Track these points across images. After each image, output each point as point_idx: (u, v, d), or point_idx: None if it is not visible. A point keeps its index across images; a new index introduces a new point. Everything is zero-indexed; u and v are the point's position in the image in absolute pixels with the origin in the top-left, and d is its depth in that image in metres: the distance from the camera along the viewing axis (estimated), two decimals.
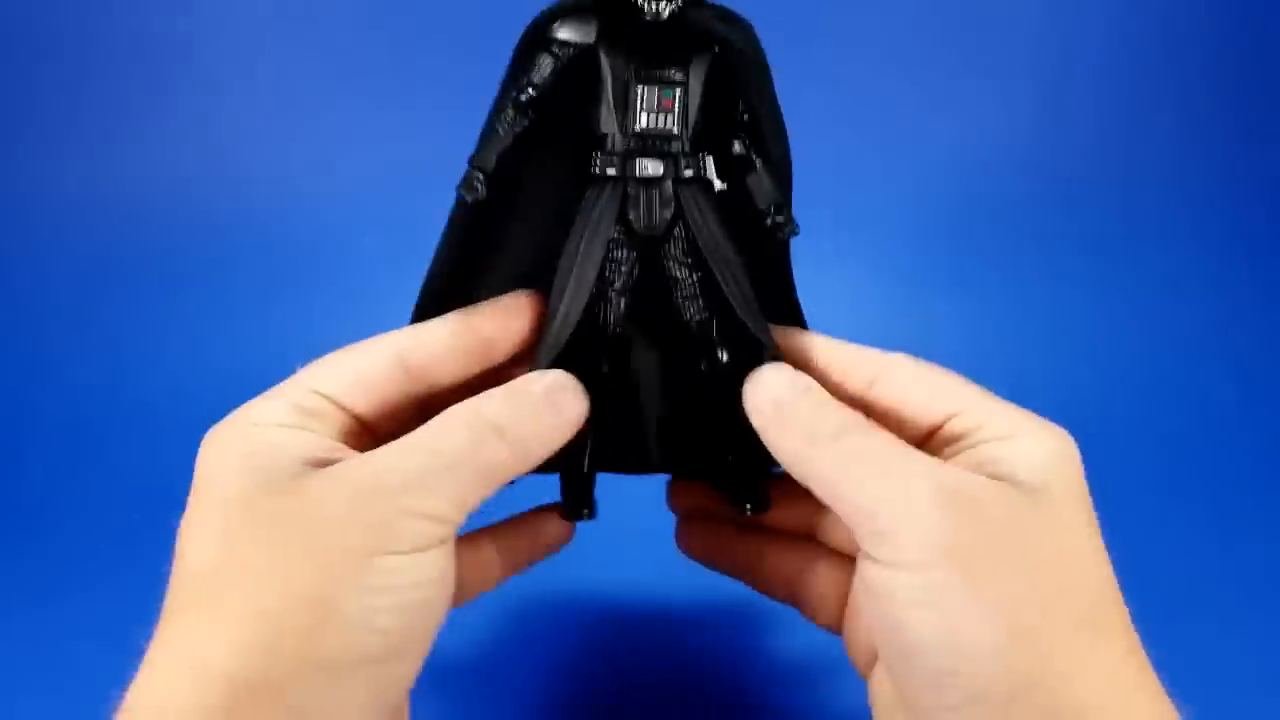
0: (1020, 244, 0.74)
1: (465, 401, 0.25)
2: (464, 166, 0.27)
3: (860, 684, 0.29)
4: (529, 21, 0.28)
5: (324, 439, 0.25)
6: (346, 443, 0.26)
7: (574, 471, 0.30)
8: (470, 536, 0.32)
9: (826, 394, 0.26)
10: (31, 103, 0.72)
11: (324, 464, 0.24)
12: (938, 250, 0.73)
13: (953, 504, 0.23)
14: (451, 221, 0.29)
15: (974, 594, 0.22)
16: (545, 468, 0.28)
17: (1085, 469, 0.25)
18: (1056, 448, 0.25)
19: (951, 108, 0.74)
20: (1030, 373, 0.67)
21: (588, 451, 0.29)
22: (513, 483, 0.26)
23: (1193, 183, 0.76)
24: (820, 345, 0.30)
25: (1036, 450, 0.24)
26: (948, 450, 0.26)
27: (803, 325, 0.32)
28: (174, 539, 0.26)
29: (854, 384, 0.28)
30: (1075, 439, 0.25)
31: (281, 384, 0.27)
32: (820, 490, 0.25)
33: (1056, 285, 0.73)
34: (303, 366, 0.27)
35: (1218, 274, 0.74)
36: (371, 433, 0.28)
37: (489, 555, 0.32)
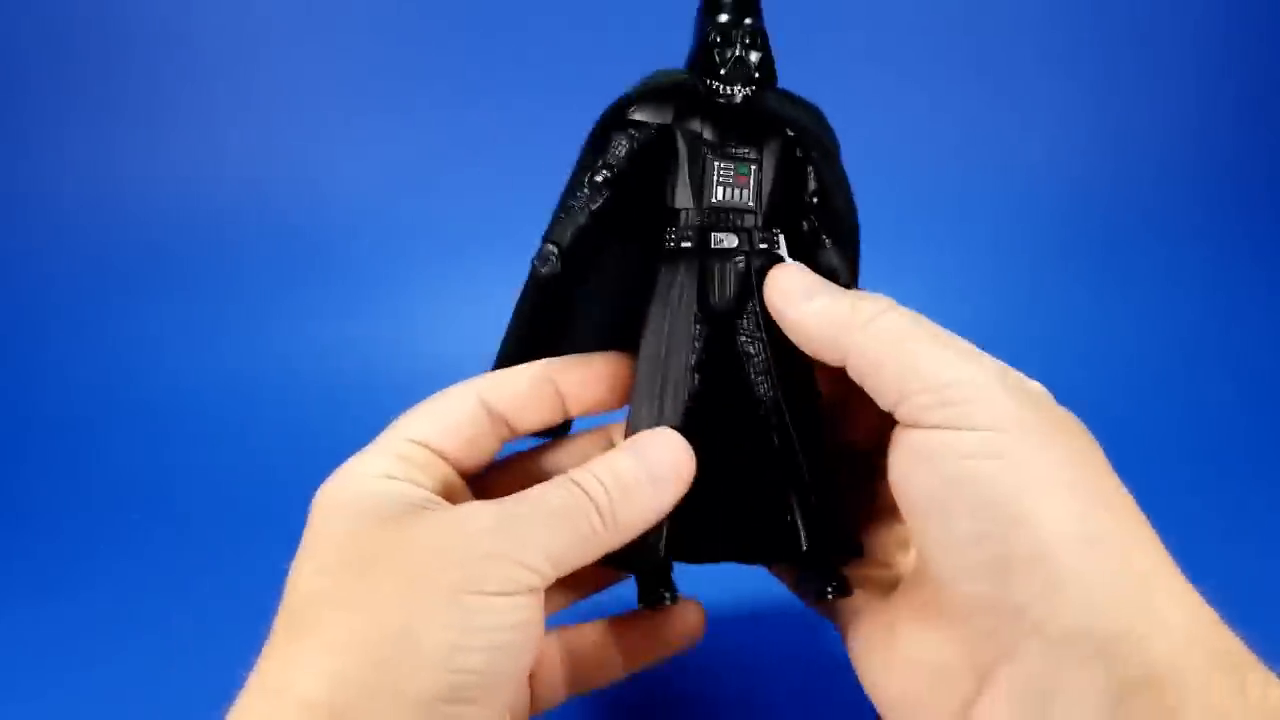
0: (1019, 243, 0.74)
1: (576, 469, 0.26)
2: (536, 242, 0.28)
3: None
4: (609, 104, 0.29)
5: (425, 491, 0.26)
6: (450, 492, 0.27)
7: (651, 561, 0.29)
8: (589, 626, 0.32)
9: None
10: (32, 103, 0.72)
11: (425, 509, 0.25)
12: (936, 250, 0.73)
13: (1019, 388, 0.24)
14: (525, 294, 0.30)
15: (1046, 455, 0.22)
16: (624, 563, 0.28)
17: None
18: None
19: (951, 107, 0.74)
20: (1027, 372, 0.67)
21: (664, 539, 0.28)
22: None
23: (1193, 182, 0.76)
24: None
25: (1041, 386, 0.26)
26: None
27: None
28: (174, 539, 0.26)
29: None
30: None
31: (380, 436, 0.28)
32: (860, 367, 0.25)
33: (1055, 285, 0.73)
34: (397, 417, 0.29)
35: (1218, 273, 0.74)
36: (474, 485, 0.29)
37: (607, 643, 0.32)
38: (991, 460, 0.22)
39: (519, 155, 0.66)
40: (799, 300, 0.27)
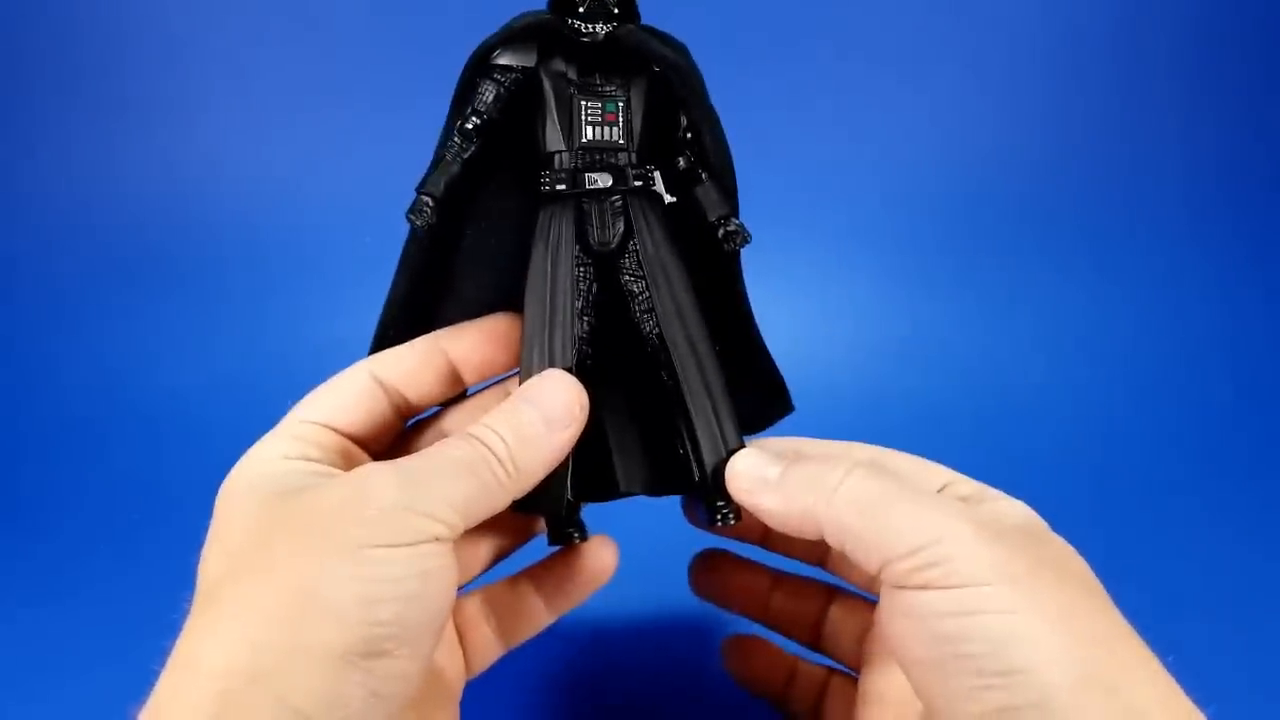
0: (1019, 243, 0.74)
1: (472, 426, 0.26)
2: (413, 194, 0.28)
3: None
4: (473, 50, 0.28)
5: (323, 465, 0.27)
6: (352, 466, 0.27)
7: (558, 503, 0.30)
8: (508, 580, 0.33)
9: (811, 449, 0.28)
10: (29, 105, 0.72)
11: (324, 478, 0.26)
12: (936, 250, 0.73)
13: (995, 534, 0.23)
14: (406, 248, 0.30)
15: (1033, 600, 0.22)
16: (533, 507, 0.28)
17: (1084, 469, 0.25)
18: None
19: (950, 107, 0.74)
20: (1029, 372, 0.67)
21: (569, 480, 0.29)
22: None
23: (1192, 181, 0.76)
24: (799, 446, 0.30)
25: (1008, 503, 0.26)
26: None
27: (753, 335, 0.33)
28: (173, 539, 0.26)
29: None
30: (1074, 439, 0.26)
31: (278, 424, 0.28)
32: (838, 538, 0.25)
33: (1056, 285, 0.73)
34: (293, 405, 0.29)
35: (1217, 273, 0.74)
36: (371, 455, 0.29)
37: (527, 592, 0.33)
38: (980, 616, 0.22)
39: None
40: (762, 492, 0.27)
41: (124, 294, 0.71)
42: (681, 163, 0.30)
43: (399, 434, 0.31)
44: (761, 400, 0.35)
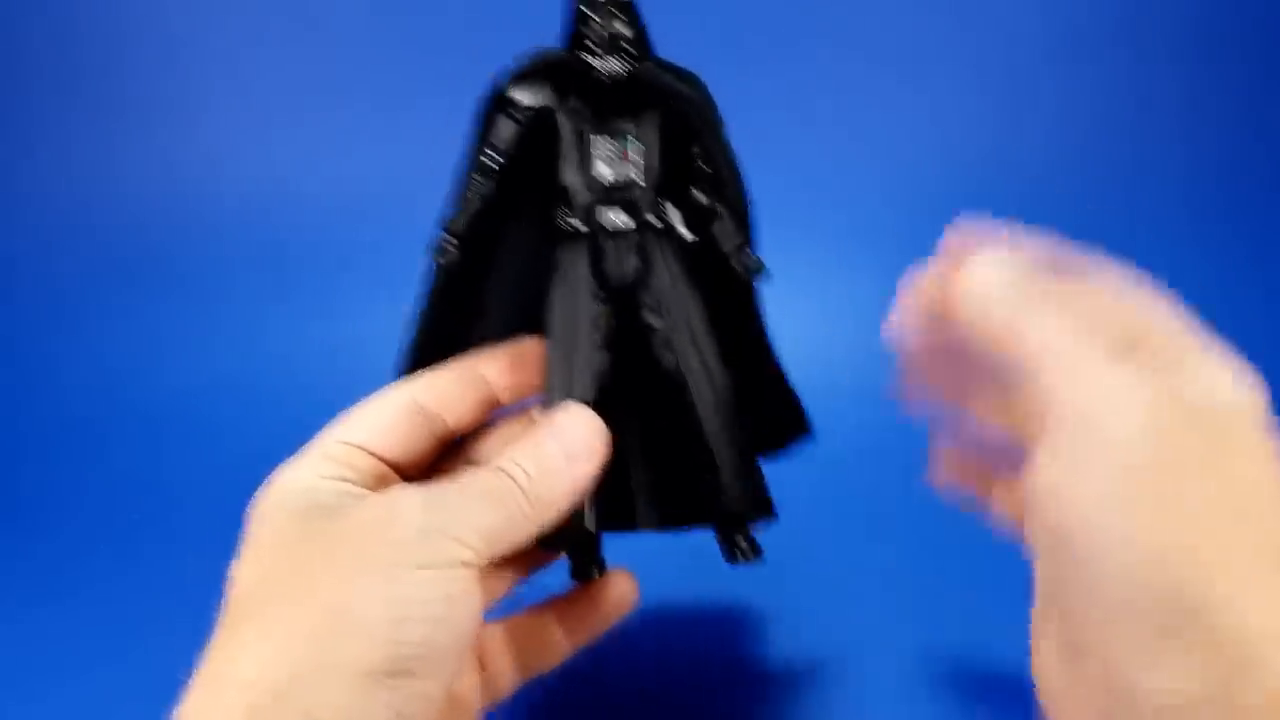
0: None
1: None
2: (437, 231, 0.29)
3: (848, 690, 0.28)
4: (489, 86, 0.29)
5: (356, 486, 0.27)
6: (380, 486, 0.28)
7: (580, 537, 0.30)
8: (529, 611, 0.33)
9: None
10: (29, 104, 0.72)
11: (356, 499, 0.26)
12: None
13: (1155, 409, 0.21)
14: (429, 281, 0.30)
15: (1144, 504, 0.20)
16: (556, 543, 0.29)
17: None
18: (1250, 381, 0.24)
19: (951, 108, 0.74)
20: None
21: (590, 515, 0.29)
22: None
23: (1193, 182, 0.76)
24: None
25: (1230, 378, 0.24)
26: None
27: (771, 363, 0.33)
28: (173, 539, 0.26)
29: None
30: None
31: (311, 442, 0.29)
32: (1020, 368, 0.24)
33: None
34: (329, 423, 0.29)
35: (1218, 275, 0.74)
36: (404, 478, 0.29)
37: (548, 623, 0.33)
38: (1088, 511, 0.21)
39: None
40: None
41: (124, 294, 0.71)
42: (698, 196, 0.30)
43: (433, 458, 0.31)
44: (779, 424, 0.35)
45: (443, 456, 0.32)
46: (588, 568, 0.31)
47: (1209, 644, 0.19)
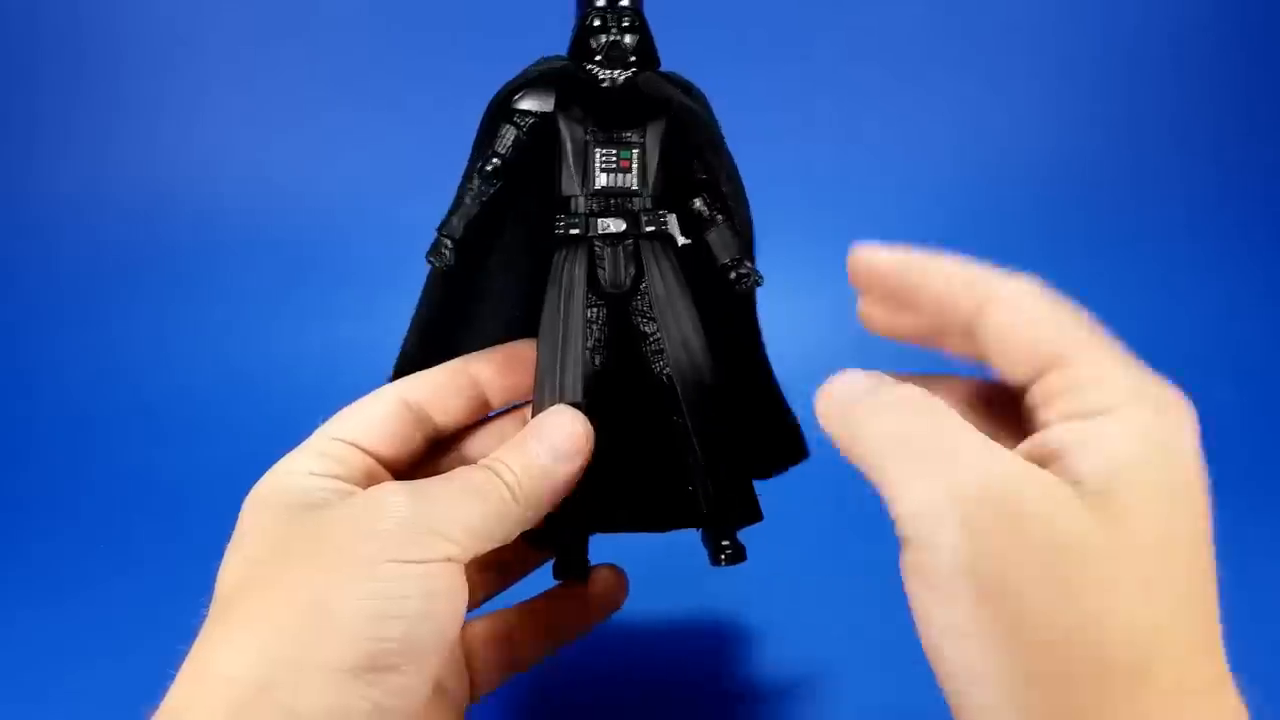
0: (1020, 244, 0.74)
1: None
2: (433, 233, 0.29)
3: (840, 697, 0.28)
4: (495, 94, 0.29)
5: (345, 484, 0.27)
6: (371, 483, 0.28)
7: (566, 535, 0.31)
8: (516, 607, 0.34)
9: (882, 376, 0.24)
10: (33, 101, 0.72)
11: (344, 495, 0.26)
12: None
13: (985, 513, 0.19)
14: (427, 284, 0.31)
15: (990, 628, 0.19)
16: (542, 540, 0.29)
17: None
18: (1148, 434, 0.20)
19: (950, 108, 0.74)
20: None
21: (575, 514, 0.30)
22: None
23: (1194, 183, 0.76)
24: (928, 263, 0.26)
25: (1119, 439, 0.20)
26: (1040, 414, 0.22)
27: (767, 379, 0.33)
28: (175, 539, 0.27)
29: (962, 308, 0.24)
30: None
31: (307, 439, 0.29)
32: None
33: (1057, 286, 0.73)
34: (324, 421, 0.30)
35: (1215, 273, 0.74)
36: (396, 476, 0.30)
37: (535, 620, 0.34)
38: (945, 639, 0.21)
39: None
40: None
41: (127, 293, 0.71)
42: (697, 204, 0.31)
43: (424, 457, 0.31)
44: (775, 447, 0.35)
45: (435, 456, 0.32)
46: (571, 567, 0.31)
47: None
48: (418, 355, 0.32)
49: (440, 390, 0.31)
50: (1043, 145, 0.76)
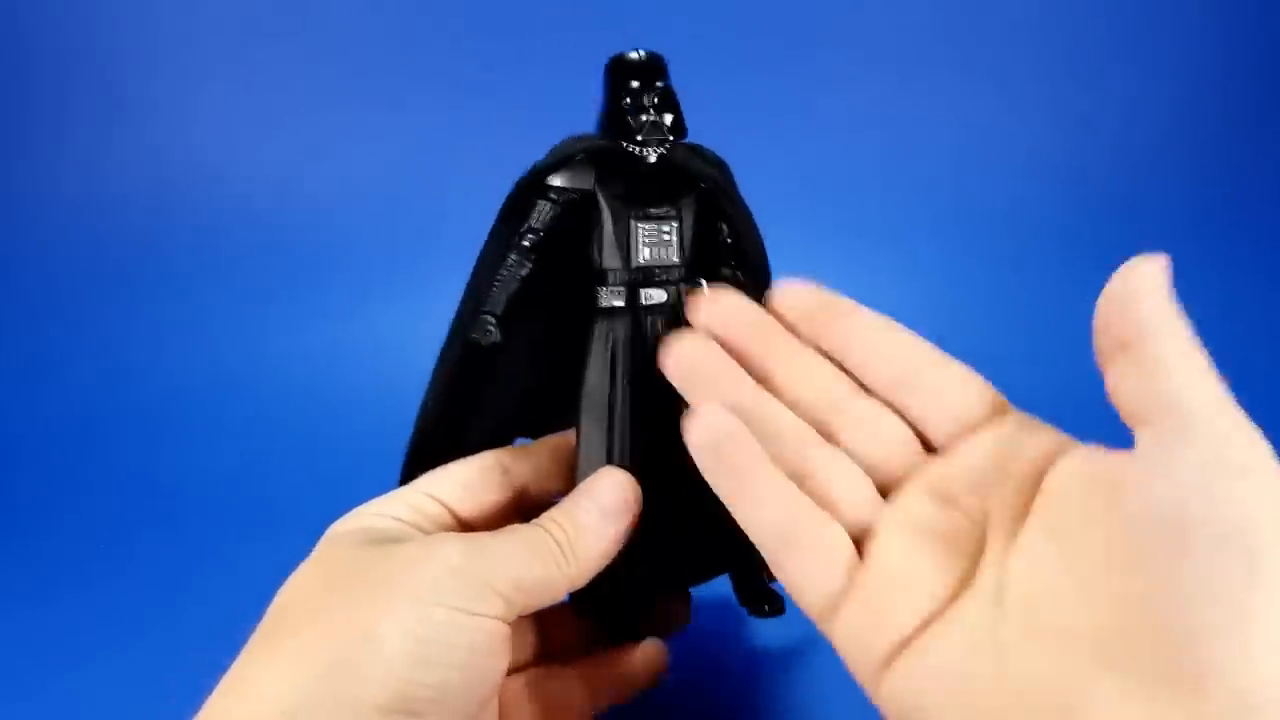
0: (1021, 244, 0.74)
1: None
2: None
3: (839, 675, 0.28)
4: (524, 172, 0.30)
5: (417, 531, 0.28)
6: None
7: (616, 606, 0.31)
8: (555, 668, 0.33)
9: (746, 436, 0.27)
10: (30, 102, 0.72)
11: (408, 538, 0.27)
12: (936, 251, 0.73)
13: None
14: (457, 360, 0.31)
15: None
16: (590, 605, 0.30)
17: None
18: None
19: (952, 108, 0.74)
20: (1030, 372, 0.67)
21: (622, 577, 0.30)
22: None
23: (1195, 184, 0.76)
24: (863, 328, 0.31)
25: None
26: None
27: None
28: (173, 539, 0.26)
29: (882, 379, 0.29)
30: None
31: (403, 487, 0.30)
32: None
33: (1057, 286, 0.73)
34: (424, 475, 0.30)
35: (1215, 273, 0.74)
36: None
37: (573, 684, 0.33)
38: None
39: (520, 157, 0.66)
40: None
41: (125, 294, 0.71)
42: (725, 270, 0.32)
43: (506, 523, 0.32)
44: None
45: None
46: (625, 631, 0.32)
47: None
48: (435, 444, 0.32)
49: (539, 465, 0.32)
50: (1043, 145, 0.76)
